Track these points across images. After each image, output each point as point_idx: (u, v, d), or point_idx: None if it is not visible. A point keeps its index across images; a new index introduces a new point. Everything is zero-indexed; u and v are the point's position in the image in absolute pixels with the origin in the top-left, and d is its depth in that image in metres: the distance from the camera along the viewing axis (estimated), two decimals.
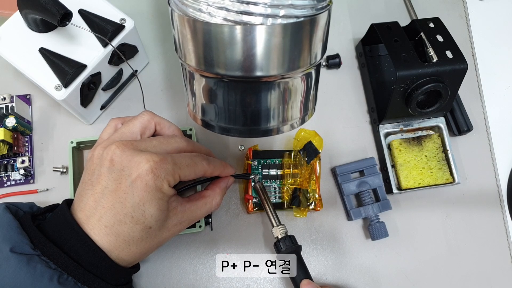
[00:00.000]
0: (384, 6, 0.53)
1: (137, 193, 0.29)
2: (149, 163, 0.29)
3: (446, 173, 0.46)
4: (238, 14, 0.27)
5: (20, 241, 0.28)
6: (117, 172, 0.29)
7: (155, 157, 0.29)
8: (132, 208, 0.29)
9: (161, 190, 0.30)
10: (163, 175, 0.29)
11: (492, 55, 0.53)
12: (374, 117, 0.48)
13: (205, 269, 0.43)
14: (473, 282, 0.45)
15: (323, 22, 0.30)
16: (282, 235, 0.39)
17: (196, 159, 0.33)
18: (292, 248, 0.39)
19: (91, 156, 0.32)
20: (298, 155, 0.44)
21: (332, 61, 0.49)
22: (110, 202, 0.29)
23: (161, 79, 0.49)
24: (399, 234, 0.46)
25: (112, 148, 0.30)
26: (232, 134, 0.34)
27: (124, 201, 0.29)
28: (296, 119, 0.34)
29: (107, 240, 0.29)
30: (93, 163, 0.31)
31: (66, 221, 0.30)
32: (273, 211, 0.40)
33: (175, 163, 0.30)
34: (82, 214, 0.30)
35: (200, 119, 0.35)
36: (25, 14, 0.37)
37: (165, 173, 0.29)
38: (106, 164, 0.30)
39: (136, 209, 0.29)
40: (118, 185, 0.29)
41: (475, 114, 0.50)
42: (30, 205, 0.36)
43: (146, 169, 0.29)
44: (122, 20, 0.40)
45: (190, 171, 0.32)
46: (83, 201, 0.30)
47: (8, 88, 0.46)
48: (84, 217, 0.30)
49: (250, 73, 0.29)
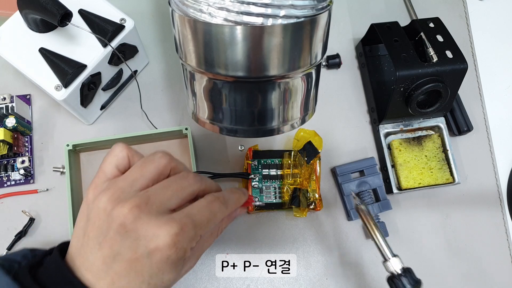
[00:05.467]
0: (384, 6, 0.53)
1: (156, 265, 0.26)
2: (171, 237, 0.26)
3: (446, 173, 0.46)
4: (238, 14, 0.27)
5: None
6: (132, 241, 0.26)
7: (176, 228, 0.26)
8: (150, 277, 0.27)
9: (183, 258, 0.27)
10: (186, 244, 0.27)
11: (492, 55, 0.53)
12: (374, 117, 0.48)
13: (205, 269, 0.43)
14: (473, 282, 0.45)
15: (323, 22, 0.30)
16: (400, 270, 0.33)
17: (214, 208, 0.29)
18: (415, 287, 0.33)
19: (94, 204, 0.27)
20: (298, 155, 0.44)
21: (332, 61, 0.49)
22: (124, 269, 0.26)
23: (161, 79, 0.49)
24: (399, 234, 0.46)
25: (125, 211, 0.26)
26: (233, 134, 0.34)
27: (141, 270, 0.26)
28: (297, 119, 0.34)
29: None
30: (99, 217, 0.27)
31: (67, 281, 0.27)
32: (384, 240, 0.34)
33: (196, 226, 0.27)
34: (89, 275, 0.27)
35: (201, 119, 0.35)
36: (25, 14, 0.37)
37: (188, 241, 0.27)
38: (117, 228, 0.26)
39: (154, 278, 0.27)
40: (133, 255, 0.26)
41: (475, 114, 0.50)
42: (22, 254, 0.31)
43: (168, 244, 0.26)
44: (122, 20, 0.40)
45: (211, 225, 0.29)
46: (89, 260, 0.27)
47: (8, 88, 0.46)
48: (93, 279, 0.27)
49: (250, 74, 0.29)
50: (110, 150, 0.30)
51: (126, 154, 0.30)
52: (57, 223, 0.43)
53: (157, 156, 0.29)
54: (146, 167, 0.29)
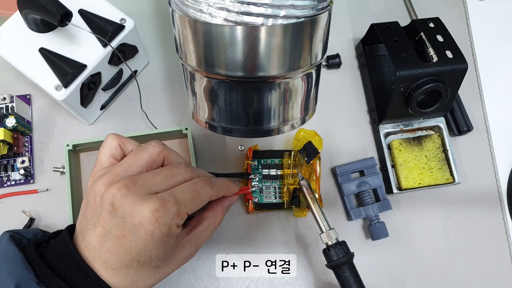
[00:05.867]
0: (384, 6, 0.53)
1: (141, 241, 0.28)
2: (151, 212, 0.27)
3: (446, 173, 0.46)
4: (238, 14, 0.27)
5: (25, 276, 0.28)
6: (119, 219, 0.28)
7: (156, 203, 0.28)
8: (138, 254, 0.28)
9: (168, 236, 0.29)
10: (169, 220, 0.28)
11: (492, 55, 0.53)
12: (374, 117, 0.48)
13: (205, 269, 0.43)
14: (473, 282, 0.45)
15: (323, 22, 0.30)
16: (334, 241, 0.36)
17: (198, 187, 0.31)
18: (346, 257, 0.36)
19: (91, 189, 0.30)
20: (298, 155, 0.44)
21: (332, 61, 0.49)
22: (114, 247, 0.28)
23: (161, 79, 0.49)
24: (399, 234, 0.46)
25: (114, 190, 0.28)
26: (233, 134, 0.34)
27: (129, 248, 0.28)
28: (297, 119, 0.34)
29: (115, 281, 0.29)
30: (95, 200, 0.29)
31: (70, 255, 0.29)
32: (322, 213, 0.37)
33: (178, 203, 0.29)
34: (87, 253, 0.29)
35: (201, 120, 0.35)
36: (25, 14, 0.37)
37: (170, 217, 0.28)
38: (107, 207, 0.28)
39: (142, 255, 0.28)
40: (121, 232, 0.28)
41: (475, 114, 0.50)
42: (34, 232, 0.35)
43: (149, 219, 0.27)
44: (122, 20, 0.40)
45: (195, 203, 0.30)
46: (86, 239, 0.29)
47: (8, 88, 0.46)
48: (90, 257, 0.29)
49: (250, 74, 0.29)
50: (103, 142, 0.33)
51: (117, 143, 0.32)
52: (57, 223, 0.43)
53: (151, 145, 0.32)
54: (140, 154, 0.31)
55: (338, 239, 0.37)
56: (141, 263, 0.29)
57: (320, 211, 0.38)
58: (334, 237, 0.37)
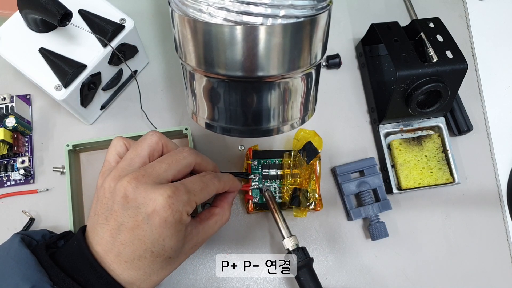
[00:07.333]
0: (384, 6, 0.53)
1: (156, 230, 0.29)
2: (165, 199, 0.28)
3: (446, 173, 0.46)
4: (238, 14, 0.27)
5: (40, 280, 0.28)
6: (133, 210, 0.29)
7: (169, 190, 0.29)
8: (152, 244, 0.29)
9: (180, 222, 0.29)
10: (181, 207, 0.29)
11: (492, 55, 0.53)
12: (374, 117, 0.48)
13: (205, 269, 0.43)
14: (473, 282, 0.45)
15: (323, 22, 0.30)
16: (293, 247, 0.39)
17: (206, 179, 0.33)
18: (305, 261, 0.38)
19: (101, 186, 0.31)
20: (298, 155, 0.44)
21: (332, 61, 0.49)
22: (128, 238, 0.29)
23: (161, 79, 0.49)
24: (399, 234, 0.46)
25: (124, 183, 0.29)
26: (233, 134, 0.34)
27: (143, 238, 0.29)
28: (296, 119, 0.34)
29: (128, 274, 0.29)
30: (105, 196, 0.30)
31: (83, 255, 0.30)
32: (284, 221, 0.40)
33: (189, 191, 0.30)
34: (99, 248, 0.30)
35: (201, 119, 0.35)
36: (25, 14, 0.37)
37: (182, 204, 0.29)
38: (120, 201, 0.29)
39: (156, 244, 0.29)
40: (135, 223, 0.29)
41: (475, 114, 0.50)
42: (42, 233, 0.36)
43: (163, 205, 0.28)
44: (122, 20, 0.40)
45: (204, 194, 0.32)
46: (99, 235, 0.30)
47: (8, 88, 0.46)
48: (102, 252, 0.30)
49: (250, 73, 0.29)
50: (110, 143, 0.34)
51: (123, 143, 0.34)
52: (57, 223, 0.43)
53: (148, 135, 0.33)
54: (140, 146, 0.33)
55: (298, 245, 0.39)
56: (155, 254, 0.29)
57: (282, 219, 0.40)
58: (294, 243, 0.39)
